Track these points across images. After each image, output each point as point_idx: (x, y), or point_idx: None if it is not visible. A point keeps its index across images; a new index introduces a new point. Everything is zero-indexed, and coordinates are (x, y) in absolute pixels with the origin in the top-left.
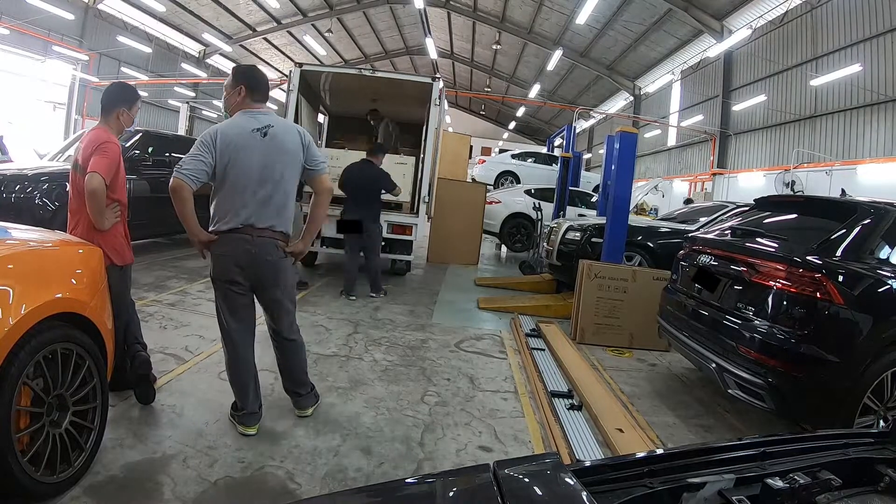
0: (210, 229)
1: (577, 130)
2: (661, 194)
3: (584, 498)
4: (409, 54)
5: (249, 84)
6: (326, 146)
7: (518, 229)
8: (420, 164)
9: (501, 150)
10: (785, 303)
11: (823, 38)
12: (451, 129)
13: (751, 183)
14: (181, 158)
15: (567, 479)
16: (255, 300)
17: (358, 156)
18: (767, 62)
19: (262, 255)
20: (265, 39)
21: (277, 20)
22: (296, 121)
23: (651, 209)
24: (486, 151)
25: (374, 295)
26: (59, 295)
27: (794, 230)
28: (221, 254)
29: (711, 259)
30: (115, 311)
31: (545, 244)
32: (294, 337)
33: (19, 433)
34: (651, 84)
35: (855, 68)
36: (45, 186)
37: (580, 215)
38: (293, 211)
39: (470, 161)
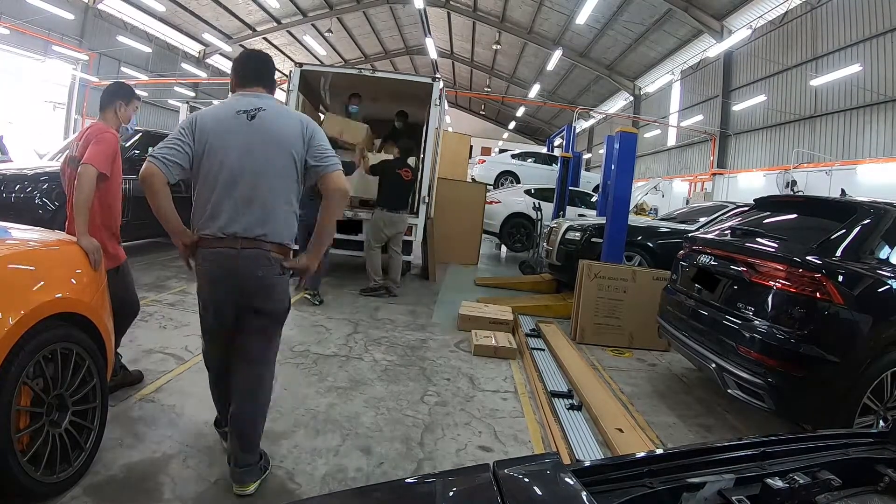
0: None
1: (577, 130)
2: (661, 194)
3: (584, 498)
4: (409, 54)
5: (235, 67)
6: None
7: (518, 229)
8: (420, 165)
9: (501, 150)
10: (785, 303)
11: (823, 38)
12: (451, 129)
13: (751, 183)
14: None
15: (567, 479)
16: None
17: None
18: (767, 62)
19: (249, 270)
20: (265, 39)
21: (277, 20)
22: None
23: (651, 209)
24: (486, 151)
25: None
26: (59, 295)
27: (794, 230)
28: (201, 269)
29: (711, 259)
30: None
31: (545, 244)
32: (257, 383)
33: (19, 433)
34: (651, 84)
35: (855, 68)
36: (45, 186)
37: (580, 215)
38: (291, 216)
39: (470, 161)
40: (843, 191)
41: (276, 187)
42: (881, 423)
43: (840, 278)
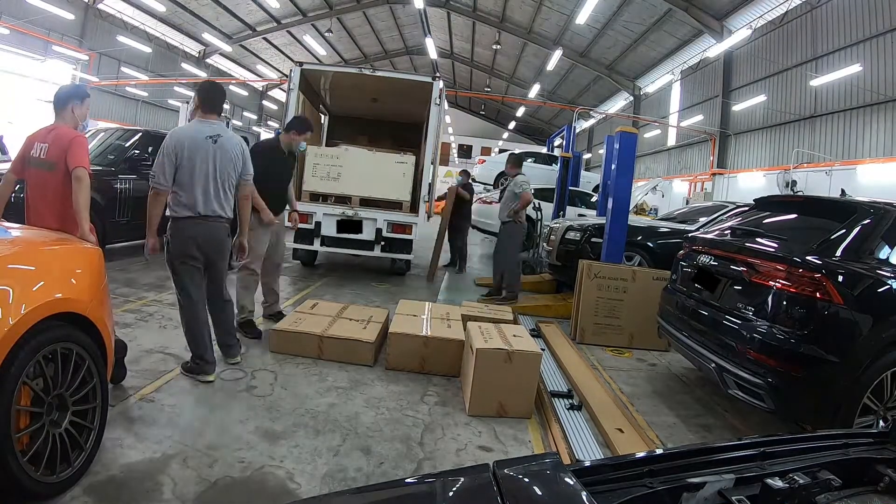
0: (167, 213)
1: (577, 130)
2: (661, 194)
3: (584, 498)
4: (408, 54)
5: (202, 94)
6: (326, 145)
7: None
8: (420, 164)
9: (501, 150)
10: (785, 303)
11: (823, 38)
12: (451, 129)
13: (751, 183)
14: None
15: (567, 479)
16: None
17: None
18: (767, 62)
19: (214, 235)
20: (265, 39)
21: (277, 20)
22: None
23: (651, 209)
24: (485, 151)
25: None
26: (59, 295)
27: (794, 230)
28: (185, 237)
29: (711, 259)
30: None
31: (545, 244)
32: (229, 297)
33: (19, 433)
34: (651, 84)
35: (855, 68)
36: None
37: (580, 215)
38: (231, 201)
39: (469, 161)
40: (843, 191)
41: (230, 185)
42: (881, 423)
43: (840, 278)
